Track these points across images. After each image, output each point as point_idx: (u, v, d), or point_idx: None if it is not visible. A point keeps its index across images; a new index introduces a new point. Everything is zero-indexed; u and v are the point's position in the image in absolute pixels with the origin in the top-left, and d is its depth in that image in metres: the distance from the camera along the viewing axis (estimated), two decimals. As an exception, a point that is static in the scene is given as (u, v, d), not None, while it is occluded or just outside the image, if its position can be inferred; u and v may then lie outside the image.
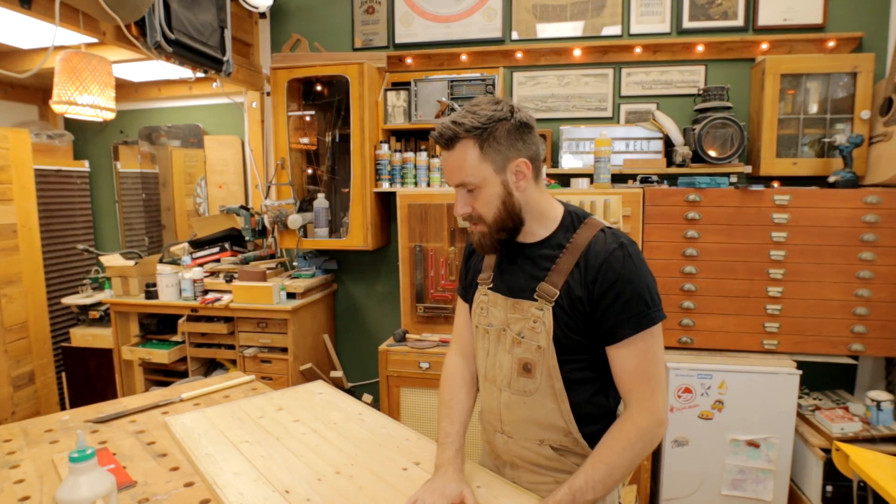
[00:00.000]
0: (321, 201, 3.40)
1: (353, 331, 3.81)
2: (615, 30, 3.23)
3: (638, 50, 3.18)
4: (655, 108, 3.21)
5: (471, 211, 1.29)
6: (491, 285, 1.42)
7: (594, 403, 1.32)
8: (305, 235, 3.46)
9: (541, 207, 1.32)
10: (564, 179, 3.16)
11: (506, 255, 1.39)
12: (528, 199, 1.30)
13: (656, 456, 2.92)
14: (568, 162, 3.18)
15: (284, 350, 3.18)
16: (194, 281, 3.22)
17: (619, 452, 1.20)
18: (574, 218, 1.33)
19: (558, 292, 1.25)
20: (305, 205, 3.56)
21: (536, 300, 1.28)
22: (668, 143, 3.06)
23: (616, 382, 1.27)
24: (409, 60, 3.45)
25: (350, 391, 3.57)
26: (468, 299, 1.53)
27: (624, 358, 1.23)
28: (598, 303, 1.22)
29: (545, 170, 3.12)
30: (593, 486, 1.18)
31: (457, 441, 1.36)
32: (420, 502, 1.18)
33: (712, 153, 2.88)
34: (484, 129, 1.22)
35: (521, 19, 3.33)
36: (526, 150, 1.27)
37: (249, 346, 3.21)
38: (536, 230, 1.33)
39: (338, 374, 3.54)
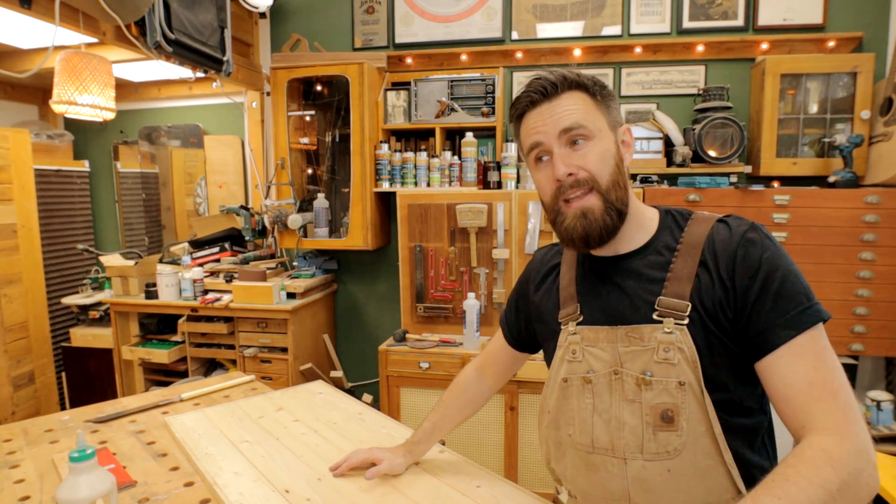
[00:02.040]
0: (321, 201, 3.40)
1: (353, 331, 3.81)
2: (615, 30, 3.24)
3: (638, 50, 3.18)
4: (655, 108, 3.21)
5: (577, 171, 1.01)
6: (580, 319, 1.11)
7: (761, 454, 1.02)
8: (305, 235, 3.46)
9: (635, 206, 1.08)
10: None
11: (593, 274, 1.12)
12: (629, 187, 1.07)
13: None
14: (568, 162, 3.17)
15: (284, 350, 3.18)
16: (194, 281, 3.22)
17: (804, 483, 0.79)
18: (676, 217, 1.09)
19: (689, 304, 0.97)
20: (305, 205, 3.56)
21: (660, 321, 0.99)
22: (669, 143, 3.06)
23: (780, 410, 0.93)
24: (409, 60, 3.45)
25: (350, 391, 3.57)
26: (519, 341, 1.33)
27: (789, 369, 0.90)
28: (744, 300, 0.94)
29: None
30: None
31: (419, 434, 1.39)
32: (351, 456, 1.35)
33: (712, 153, 2.88)
34: (594, 84, 1.05)
35: (522, 19, 3.33)
36: (622, 118, 1.11)
37: (249, 346, 3.21)
38: (633, 234, 1.07)
39: (338, 374, 3.54)
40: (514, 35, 3.36)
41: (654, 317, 0.99)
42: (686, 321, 0.97)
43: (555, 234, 1.10)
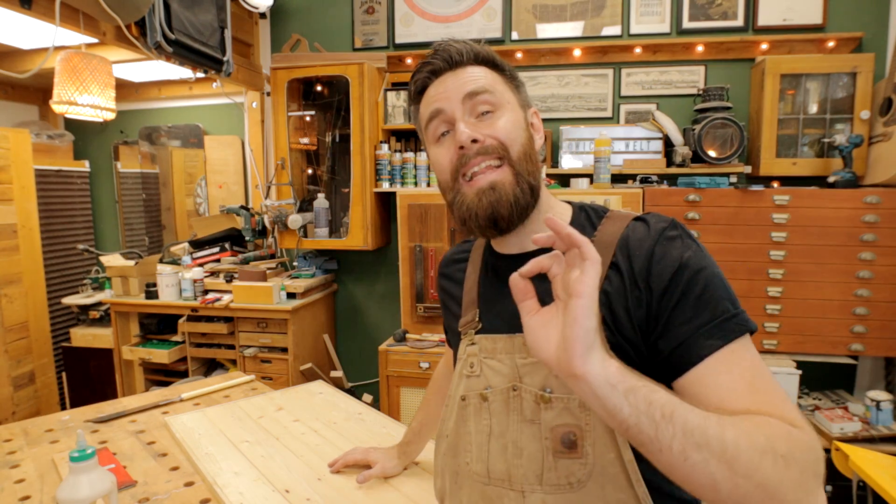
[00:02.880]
0: (321, 201, 3.40)
1: (353, 331, 3.81)
2: (615, 30, 3.24)
3: (638, 50, 3.18)
4: (655, 109, 3.21)
5: (484, 139, 0.89)
6: (479, 327, 0.97)
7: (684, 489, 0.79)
8: (305, 235, 3.47)
9: (546, 198, 0.97)
10: (564, 179, 3.16)
11: (495, 275, 0.99)
12: (539, 176, 0.96)
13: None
14: (568, 162, 3.18)
15: (284, 350, 3.18)
16: (194, 281, 3.23)
17: (759, 434, 0.65)
18: (589, 214, 0.96)
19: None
20: (305, 205, 3.56)
21: None
22: (668, 144, 3.06)
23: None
24: (409, 60, 3.45)
25: (350, 391, 3.57)
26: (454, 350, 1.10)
27: (724, 375, 0.75)
28: (659, 306, 0.80)
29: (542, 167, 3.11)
30: (687, 431, 0.62)
31: (408, 435, 1.38)
32: (348, 454, 1.37)
33: (712, 153, 2.88)
34: (503, 63, 0.98)
35: (521, 19, 3.33)
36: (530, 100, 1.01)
37: (249, 346, 3.21)
38: (541, 229, 0.89)
39: (338, 373, 3.54)
40: (514, 35, 3.36)
41: None
42: None
43: (454, 219, 0.96)
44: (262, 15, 3.67)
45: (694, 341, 0.77)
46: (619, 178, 3.07)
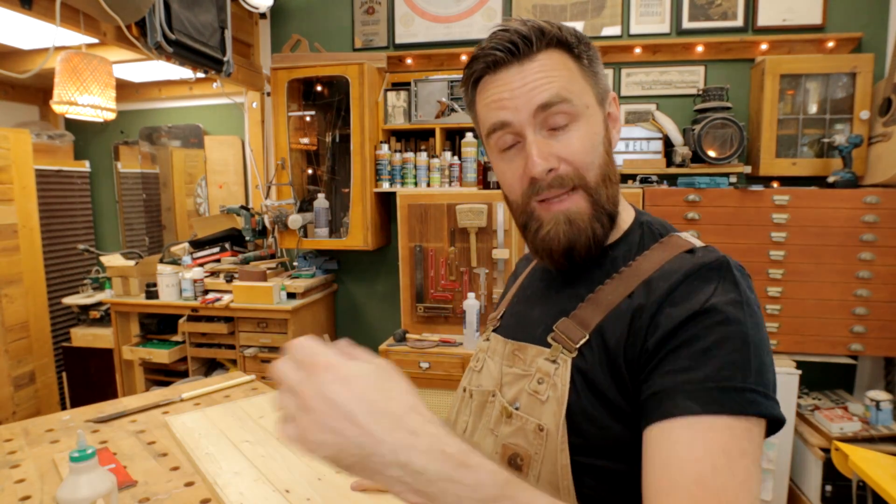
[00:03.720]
0: (321, 201, 3.40)
1: (353, 330, 3.82)
2: (615, 30, 3.24)
3: (637, 50, 3.19)
4: (655, 109, 3.21)
5: (559, 165, 0.78)
6: (497, 325, 0.97)
7: None
8: (306, 235, 3.47)
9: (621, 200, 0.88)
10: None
11: (539, 276, 0.95)
12: (617, 174, 0.86)
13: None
14: (568, 162, 3.18)
15: (285, 350, 3.18)
16: (195, 281, 3.23)
17: None
18: (644, 234, 0.84)
19: (587, 336, 0.75)
20: (306, 205, 3.56)
21: (550, 345, 0.79)
22: (668, 144, 3.07)
23: (644, 491, 0.64)
24: (409, 61, 3.45)
25: (350, 391, 3.57)
26: None
27: (676, 449, 0.62)
28: (656, 348, 0.68)
29: None
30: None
31: None
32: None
33: (712, 153, 2.89)
34: (579, 41, 0.81)
35: (521, 20, 3.33)
36: (609, 84, 0.87)
37: (250, 346, 3.21)
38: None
39: (338, 373, 3.54)
40: (514, 35, 3.35)
41: (548, 339, 0.80)
42: (574, 353, 0.75)
43: (526, 244, 0.87)
44: (263, 15, 3.67)
45: (671, 394, 0.64)
46: (618, 178, 3.07)
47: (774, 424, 0.65)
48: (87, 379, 3.70)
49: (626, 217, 0.87)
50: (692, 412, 0.62)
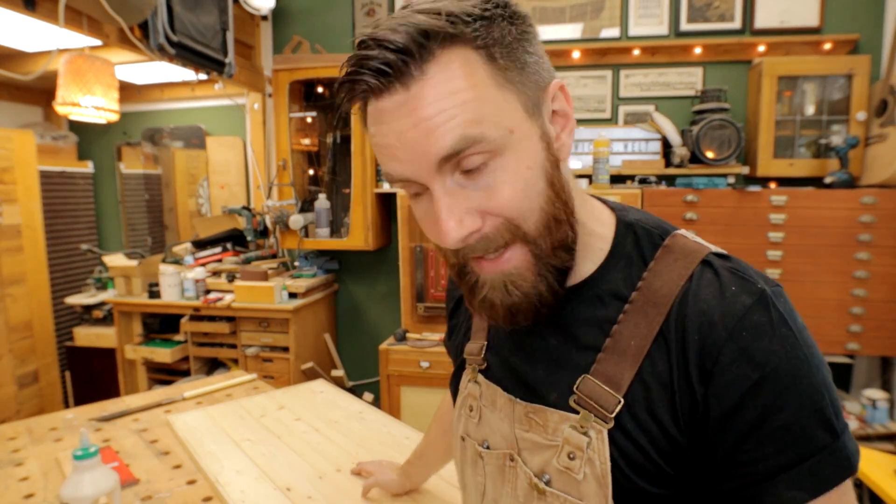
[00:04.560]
0: (322, 202, 3.42)
1: (353, 330, 3.83)
2: (614, 32, 3.25)
3: (636, 52, 3.20)
4: (654, 110, 3.22)
5: (482, 224, 0.59)
6: (484, 366, 0.78)
7: None
8: (307, 236, 3.49)
9: (583, 214, 0.67)
10: (563, 180, 3.17)
11: None
12: (573, 187, 0.66)
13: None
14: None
15: (286, 349, 3.20)
16: (196, 281, 3.25)
17: None
18: (640, 238, 0.67)
19: (621, 401, 0.60)
20: (307, 205, 3.58)
21: (577, 411, 0.63)
22: (667, 144, 3.08)
23: None
24: (409, 62, 3.46)
25: (351, 390, 3.59)
26: (455, 376, 0.90)
27: None
28: (721, 431, 0.57)
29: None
30: None
31: (411, 456, 1.29)
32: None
33: (710, 154, 2.90)
34: (489, 24, 0.57)
35: (521, 21, 3.34)
36: (550, 70, 0.63)
37: (251, 346, 3.23)
38: (579, 263, 0.66)
39: (339, 373, 3.56)
40: (514, 37, 3.36)
41: (571, 403, 0.63)
42: (611, 424, 0.60)
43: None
44: (264, 17, 3.68)
45: (770, 487, 0.55)
46: (617, 179, 3.09)
47: None
48: (90, 378, 3.72)
49: (604, 225, 0.68)
50: (802, 500, 0.55)
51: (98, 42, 2.59)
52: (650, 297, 0.61)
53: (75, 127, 4.15)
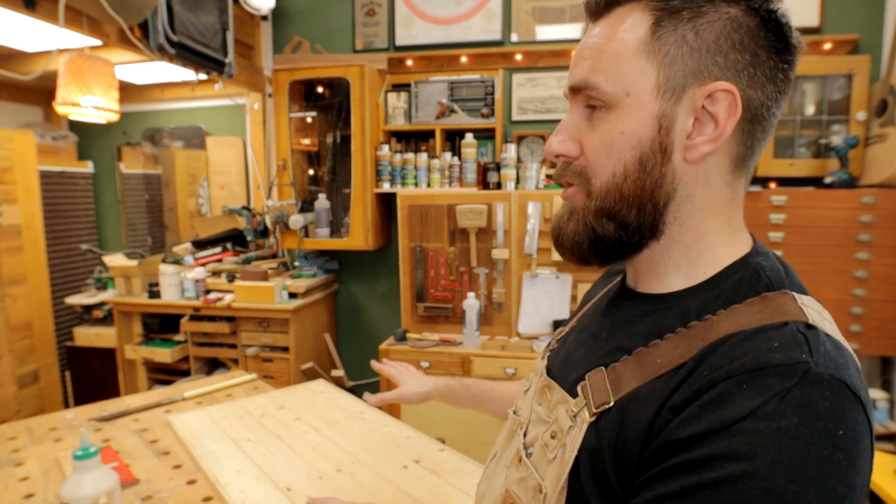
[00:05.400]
0: (322, 202, 3.42)
1: (354, 330, 3.83)
2: (614, 31, 3.24)
3: (636, 51, 3.19)
4: (654, 110, 3.21)
5: (572, 153, 0.65)
6: (555, 346, 0.81)
7: None
8: (307, 236, 3.49)
9: (706, 228, 0.64)
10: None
11: (608, 299, 0.76)
12: (697, 194, 0.62)
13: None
14: (567, 163, 3.19)
15: (286, 349, 3.20)
16: (196, 281, 3.25)
17: None
18: (749, 277, 0.61)
19: (611, 402, 0.59)
20: (307, 205, 3.58)
21: (576, 394, 0.65)
22: (667, 144, 3.07)
23: None
24: (409, 62, 3.47)
25: (351, 390, 3.59)
26: None
27: None
28: (657, 455, 0.53)
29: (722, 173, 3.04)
30: None
31: (457, 379, 1.29)
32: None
33: (710, 154, 2.89)
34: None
35: (521, 21, 3.35)
36: (752, 80, 0.59)
37: (251, 346, 3.23)
38: (668, 272, 0.65)
39: (339, 372, 3.56)
40: (514, 37, 3.37)
41: (578, 387, 0.65)
42: (593, 418, 0.60)
43: None
44: (264, 17, 3.69)
45: None
46: (617, 179, 3.08)
47: None
48: (90, 378, 3.72)
49: (730, 253, 0.64)
50: None
51: (98, 42, 2.59)
52: (706, 331, 0.56)
53: (75, 127, 4.15)
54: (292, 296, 3.29)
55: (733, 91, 0.57)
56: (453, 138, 3.32)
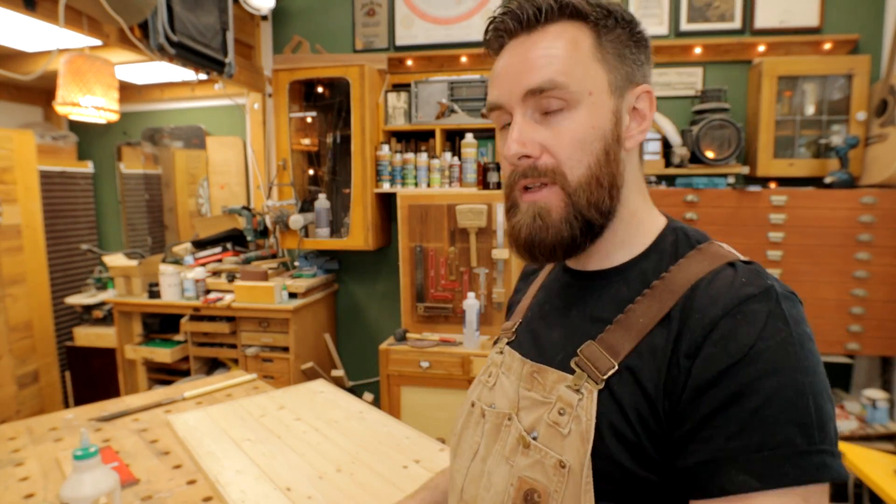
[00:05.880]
0: (322, 202, 3.42)
1: (353, 330, 3.83)
2: (614, 31, 3.24)
3: (636, 51, 3.19)
4: (654, 110, 3.21)
5: (537, 153, 0.71)
6: (513, 337, 0.86)
7: None
8: (307, 236, 3.49)
9: (635, 206, 0.76)
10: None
11: (555, 287, 0.85)
12: (629, 178, 0.75)
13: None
14: (567, 163, 3.19)
15: (286, 349, 3.20)
16: (196, 281, 3.25)
17: None
18: (679, 241, 0.74)
19: (616, 366, 0.66)
20: (307, 205, 3.58)
21: (573, 370, 0.70)
22: (667, 145, 3.08)
23: None
24: (409, 62, 3.47)
25: (351, 390, 3.59)
26: None
27: None
28: (695, 402, 0.60)
29: None
30: None
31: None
32: None
33: (710, 154, 2.90)
34: (606, 13, 0.71)
35: (521, 21, 3.34)
36: (645, 76, 0.75)
37: (251, 346, 3.23)
38: (612, 249, 0.76)
39: (339, 372, 3.56)
40: (514, 37, 3.37)
41: (571, 364, 0.71)
42: (601, 385, 0.66)
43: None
44: (264, 17, 3.68)
45: (723, 466, 0.57)
46: (617, 179, 3.08)
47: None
48: (90, 378, 3.72)
49: (654, 224, 0.77)
50: (752, 488, 0.55)
51: (98, 42, 2.59)
52: (669, 285, 0.68)
53: (75, 127, 4.15)
54: (292, 296, 3.29)
55: (651, 91, 0.74)
56: (453, 138, 3.32)
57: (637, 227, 0.76)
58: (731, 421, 0.57)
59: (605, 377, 0.66)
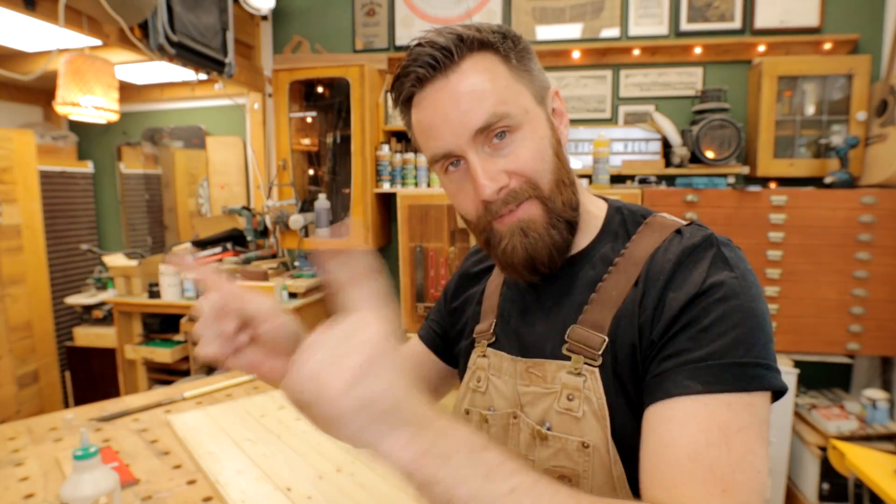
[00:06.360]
0: (322, 202, 3.42)
1: (354, 330, 3.82)
2: (614, 32, 3.25)
3: (636, 52, 3.20)
4: (654, 110, 3.22)
5: (509, 181, 0.75)
6: (493, 339, 0.89)
7: None
8: (307, 236, 3.49)
9: (579, 195, 0.83)
10: (563, 180, 3.17)
11: (517, 287, 0.88)
12: (570, 170, 0.83)
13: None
14: (567, 163, 3.19)
15: (286, 349, 3.19)
16: (197, 281, 3.24)
17: None
18: (625, 218, 0.83)
19: (605, 339, 0.73)
20: (307, 205, 3.58)
21: (568, 357, 0.75)
22: (667, 144, 3.08)
23: (641, 476, 0.64)
24: (409, 62, 3.45)
25: (351, 390, 3.58)
26: (435, 342, 1.07)
27: (671, 427, 0.62)
28: (661, 339, 0.68)
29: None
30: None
31: None
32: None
33: (710, 154, 2.90)
34: (504, 37, 0.76)
35: (521, 21, 3.35)
36: (546, 79, 0.82)
37: (251, 346, 3.22)
38: (575, 237, 0.82)
39: (339, 373, 3.55)
40: (514, 37, 3.37)
41: (564, 351, 0.75)
42: (600, 361, 0.72)
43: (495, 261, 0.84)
44: (264, 17, 3.68)
45: (672, 375, 0.64)
46: (617, 179, 3.09)
47: (778, 394, 0.65)
48: (90, 378, 3.72)
49: (598, 208, 0.85)
50: (692, 391, 0.62)
51: (98, 42, 2.59)
52: (630, 259, 0.76)
53: (75, 127, 4.15)
54: (292, 296, 3.29)
55: (558, 90, 0.82)
56: (453, 138, 3.31)
57: (586, 212, 0.83)
58: (684, 340, 0.66)
59: (601, 352, 0.72)
